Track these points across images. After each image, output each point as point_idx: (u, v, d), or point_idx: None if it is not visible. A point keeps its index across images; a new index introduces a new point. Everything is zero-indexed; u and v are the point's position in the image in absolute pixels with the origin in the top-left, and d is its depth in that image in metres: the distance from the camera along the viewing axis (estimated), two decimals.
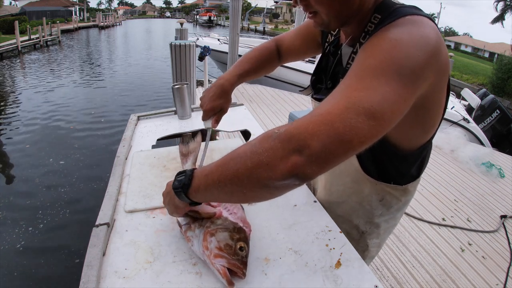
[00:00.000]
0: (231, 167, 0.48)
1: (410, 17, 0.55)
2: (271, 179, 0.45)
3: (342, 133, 0.43)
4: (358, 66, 0.51)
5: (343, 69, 0.70)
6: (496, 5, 18.62)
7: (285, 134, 0.44)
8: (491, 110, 5.34)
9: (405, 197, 0.81)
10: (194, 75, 3.67)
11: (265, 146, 0.45)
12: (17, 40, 14.71)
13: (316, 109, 0.47)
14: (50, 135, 5.55)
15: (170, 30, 29.34)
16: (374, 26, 0.62)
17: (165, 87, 9.09)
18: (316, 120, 0.44)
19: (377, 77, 0.47)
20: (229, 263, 0.56)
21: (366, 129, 0.44)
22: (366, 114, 0.44)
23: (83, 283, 0.55)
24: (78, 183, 4.00)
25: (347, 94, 0.46)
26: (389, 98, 0.46)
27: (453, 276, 2.03)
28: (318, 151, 0.42)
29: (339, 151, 0.43)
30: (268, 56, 0.95)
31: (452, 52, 10.85)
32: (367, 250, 0.88)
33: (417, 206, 2.80)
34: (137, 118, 1.36)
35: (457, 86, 11.29)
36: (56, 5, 37.17)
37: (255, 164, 0.45)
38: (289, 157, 0.43)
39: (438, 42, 0.52)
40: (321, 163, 0.43)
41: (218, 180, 0.50)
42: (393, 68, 0.48)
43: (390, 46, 0.50)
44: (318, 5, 0.59)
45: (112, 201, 0.78)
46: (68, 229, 3.19)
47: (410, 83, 0.49)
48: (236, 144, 1.09)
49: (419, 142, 0.70)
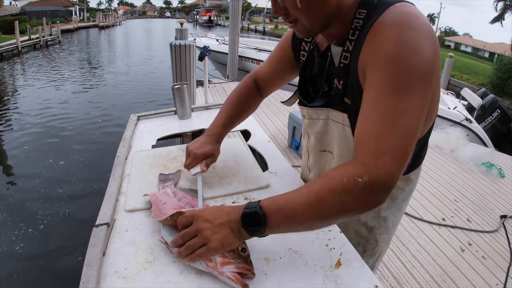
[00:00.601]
0: (322, 214, 0.54)
1: (399, 5, 0.58)
2: (359, 214, 0.57)
3: (406, 162, 0.53)
4: (385, 83, 0.55)
5: (337, 68, 0.70)
6: (496, 5, 18.62)
7: (370, 184, 0.51)
8: (492, 109, 5.36)
9: (408, 186, 0.83)
10: (194, 75, 3.68)
11: (354, 195, 0.52)
12: (17, 40, 14.72)
13: (375, 143, 0.54)
14: (50, 136, 5.55)
15: (170, 30, 29.33)
16: (362, 21, 0.63)
17: (165, 87, 9.09)
18: (387, 160, 0.52)
19: (409, 94, 0.53)
20: (238, 267, 0.56)
21: (414, 146, 0.54)
22: (413, 137, 0.54)
23: (83, 283, 0.55)
24: (78, 183, 4.00)
25: (398, 123, 0.53)
26: (421, 112, 0.55)
27: (453, 276, 2.03)
28: (396, 184, 0.53)
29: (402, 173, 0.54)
30: (248, 94, 0.94)
31: (452, 52, 10.85)
32: (377, 246, 0.89)
33: (417, 206, 2.80)
34: (137, 118, 1.36)
35: (457, 86, 11.28)
36: (56, 5, 37.18)
37: (347, 209, 0.53)
38: (376, 198, 0.53)
39: (431, 26, 0.57)
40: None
41: (304, 221, 0.55)
42: (417, 77, 0.54)
43: (403, 50, 0.54)
44: (297, 12, 0.61)
45: (112, 201, 0.78)
46: (68, 229, 3.19)
47: (430, 83, 0.55)
48: (236, 144, 1.10)
49: (423, 132, 0.72)
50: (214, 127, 0.89)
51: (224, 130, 0.89)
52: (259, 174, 0.91)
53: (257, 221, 0.55)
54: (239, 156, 1.01)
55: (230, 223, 0.57)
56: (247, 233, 0.56)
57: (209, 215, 0.59)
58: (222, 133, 0.89)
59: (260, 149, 1.12)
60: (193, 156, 0.82)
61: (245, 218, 0.56)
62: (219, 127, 0.88)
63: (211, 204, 0.80)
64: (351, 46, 0.65)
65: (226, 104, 0.93)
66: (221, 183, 0.87)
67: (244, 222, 0.56)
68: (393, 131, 0.53)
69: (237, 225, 0.57)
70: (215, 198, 0.82)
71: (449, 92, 6.41)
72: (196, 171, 0.82)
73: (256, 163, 0.98)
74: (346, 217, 0.56)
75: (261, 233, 0.56)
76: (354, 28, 0.64)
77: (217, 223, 0.57)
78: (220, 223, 0.57)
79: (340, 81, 0.70)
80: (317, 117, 0.81)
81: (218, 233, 0.57)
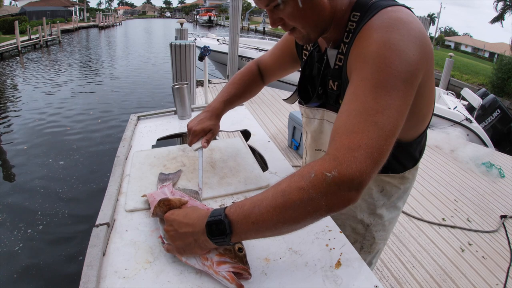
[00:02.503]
0: (289, 215, 0.50)
1: (390, 9, 0.58)
2: (329, 214, 0.52)
3: (381, 161, 0.51)
4: (365, 81, 0.54)
5: (332, 70, 0.72)
6: (496, 5, 18.63)
7: (340, 178, 0.48)
8: (492, 109, 5.37)
9: (404, 185, 0.83)
10: (194, 75, 3.67)
11: (322, 191, 0.48)
12: (17, 40, 14.71)
13: (348, 136, 0.51)
14: (49, 135, 5.55)
15: (170, 30, 29.34)
16: (356, 24, 0.64)
17: (165, 87, 9.09)
18: (360, 156, 0.49)
19: (389, 93, 0.52)
20: (234, 267, 0.56)
21: (391, 146, 0.52)
22: (391, 136, 0.52)
23: (83, 283, 0.55)
24: (78, 183, 4.00)
25: (373, 120, 0.51)
26: (401, 112, 0.53)
27: (453, 276, 2.03)
28: (368, 182, 0.50)
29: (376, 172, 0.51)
30: (251, 77, 0.97)
31: (452, 52, 10.85)
32: (374, 243, 0.89)
33: (417, 206, 2.80)
34: (137, 118, 1.36)
35: (457, 86, 11.28)
36: (56, 5, 37.17)
37: (315, 208, 0.49)
38: (346, 195, 0.49)
39: (423, 31, 0.57)
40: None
41: (272, 225, 0.51)
42: (398, 77, 0.53)
43: (385, 51, 0.53)
44: (293, 21, 0.63)
45: (112, 201, 0.78)
46: (68, 229, 3.19)
47: (411, 85, 0.54)
48: (236, 144, 1.10)
49: (419, 131, 0.73)
50: (214, 103, 0.91)
51: (224, 107, 0.91)
52: (259, 174, 0.91)
53: (221, 230, 0.52)
54: (239, 156, 1.01)
55: (194, 234, 0.56)
56: (213, 243, 0.54)
57: (177, 221, 0.59)
58: (222, 109, 0.90)
59: (260, 149, 1.12)
60: (192, 133, 0.85)
61: (210, 227, 0.53)
62: (220, 103, 0.90)
63: (211, 204, 0.80)
64: (345, 48, 0.67)
65: (229, 83, 0.96)
66: (221, 183, 0.87)
67: (208, 231, 0.54)
68: (368, 126, 0.51)
69: (200, 236, 0.55)
70: (215, 198, 0.82)
71: (449, 92, 6.42)
72: (197, 147, 0.86)
73: (256, 163, 0.98)
74: (316, 218, 0.51)
75: (227, 243, 0.54)
76: (348, 31, 0.66)
77: (180, 232, 0.58)
78: (183, 233, 0.57)
79: (334, 82, 0.72)
80: (313, 116, 0.84)
81: (179, 240, 0.58)
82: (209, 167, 0.95)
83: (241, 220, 0.52)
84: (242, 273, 0.56)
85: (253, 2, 0.69)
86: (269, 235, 0.54)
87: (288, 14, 0.61)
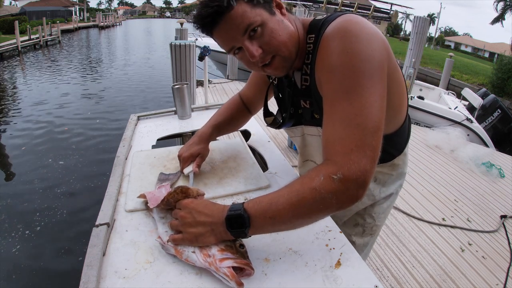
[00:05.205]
0: (303, 212, 0.55)
1: (339, 18, 0.63)
2: (339, 210, 0.57)
3: (376, 156, 0.56)
4: (336, 91, 0.60)
5: (299, 90, 0.78)
6: (496, 5, 18.63)
7: (345, 180, 0.53)
8: (492, 109, 5.39)
9: (396, 171, 0.89)
10: (194, 75, 3.67)
11: (332, 191, 0.53)
12: (17, 40, 14.70)
13: (339, 143, 0.57)
14: (49, 135, 5.54)
15: (170, 30, 29.32)
16: (313, 45, 0.69)
17: (165, 87, 9.09)
18: (355, 158, 0.54)
19: (360, 93, 0.57)
20: (237, 261, 0.56)
21: (381, 139, 0.58)
22: (377, 130, 0.57)
23: (83, 283, 0.55)
24: (77, 183, 3.99)
25: (356, 122, 0.56)
26: (377, 106, 0.58)
27: (453, 276, 2.03)
28: (371, 178, 0.55)
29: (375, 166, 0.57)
30: (237, 107, 1.03)
31: (452, 52, 10.85)
32: (375, 225, 0.95)
33: (417, 206, 2.80)
34: (137, 118, 1.36)
35: (457, 86, 11.28)
36: (56, 5, 37.16)
37: (327, 206, 0.55)
38: (354, 193, 0.54)
39: (373, 27, 0.62)
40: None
41: (287, 220, 0.57)
42: (364, 77, 0.57)
43: (345, 57, 0.58)
44: (274, 43, 0.66)
45: (112, 201, 0.78)
46: (68, 229, 3.18)
47: (379, 79, 0.59)
48: (236, 144, 1.10)
49: (398, 122, 0.79)
50: (203, 128, 0.96)
51: (212, 131, 0.95)
52: (259, 174, 0.91)
53: (241, 224, 0.57)
54: (239, 157, 1.01)
55: (212, 224, 0.59)
56: (231, 234, 0.58)
57: (196, 210, 0.62)
58: (210, 133, 0.95)
59: (260, 149, 1.13)
60: (182, 159, 0.89)
61: (230, 220, 0.58)
62: (208, 128, 0.95)
63: None
64: (308, 69, 0.72)
65: (216, 113, 1.02)
66: (221, 183, 0.87)
67: (228, 224, 0.58)
68: (353, 130, 0.56)
69: (219, 227, 0.59)
70: (215, 199, 0.82)
71: (450, 92, 6.42)
72: (188, 171, 0.88)
73: (256, 163, 0.98)
74: (327, 214, 0.60)
75: (245, 235, 0.58)
76: (307, 52, 0.71)
77: (198, 220, 0.60)
78: (202, 221, 0.60)
79: (306, 100, 0.79)
80: (295, 134, 0.91)
81: (195, 228, 0.60)
82: (209, 168, 0.95)
83: (259, 215, 0.57)
84: (244, 269, 0.56)
85: (219, 45, 0.70)
86: (283, 229, 0.61)
87: (267, 35, 0.64)
